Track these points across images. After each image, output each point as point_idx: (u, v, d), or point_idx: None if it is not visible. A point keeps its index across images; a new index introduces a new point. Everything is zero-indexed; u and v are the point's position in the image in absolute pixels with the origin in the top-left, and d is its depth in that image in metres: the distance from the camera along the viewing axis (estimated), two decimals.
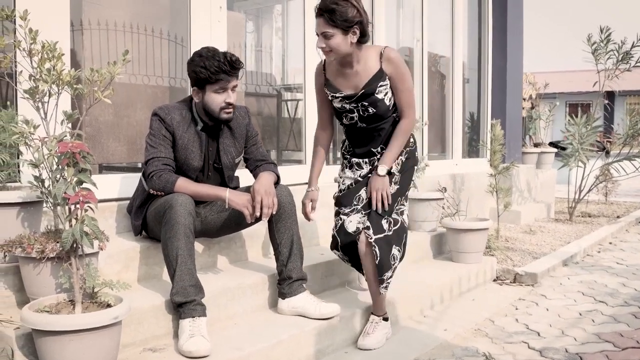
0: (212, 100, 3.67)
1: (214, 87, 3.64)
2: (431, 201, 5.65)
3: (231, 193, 3.66)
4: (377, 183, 3.82)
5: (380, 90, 3.80)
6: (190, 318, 3.27)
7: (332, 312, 3.78)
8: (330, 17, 3.60)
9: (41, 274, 2.95)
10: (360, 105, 3.84)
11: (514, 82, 9.15)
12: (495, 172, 6.73)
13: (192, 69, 3.63)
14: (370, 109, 3.83)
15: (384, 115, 3.87)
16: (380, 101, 3.82)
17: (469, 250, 5.42)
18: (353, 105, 3.86)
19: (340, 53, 3.70)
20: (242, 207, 3.64)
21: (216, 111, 3.70)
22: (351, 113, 3.89)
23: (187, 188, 3.59)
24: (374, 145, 3.95)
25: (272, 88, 7.23)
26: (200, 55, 3.63)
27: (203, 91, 3.67)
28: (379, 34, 6.73)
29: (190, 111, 3.78)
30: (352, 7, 3.63)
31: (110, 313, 2.70)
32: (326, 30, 3.63)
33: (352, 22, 3.63)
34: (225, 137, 3.90)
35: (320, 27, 3.66)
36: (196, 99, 3.72)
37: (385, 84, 3.82)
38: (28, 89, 2.99)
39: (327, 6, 3.60)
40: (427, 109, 7.55)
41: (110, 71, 2.91)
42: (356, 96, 3.82)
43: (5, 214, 3.22)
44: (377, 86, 3.80)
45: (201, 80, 3.62)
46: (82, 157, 2.73)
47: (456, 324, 4.40)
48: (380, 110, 3.83)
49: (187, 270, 3.35)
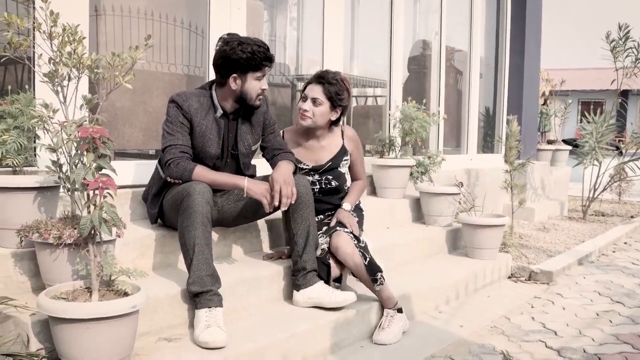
0: (253, 87, 3.67)
1: (256, 75, 3.65)
2: (447, 196, 5.59)
3: (250, 182, 3.61)
4: (344, 214, 4.13)
5: (343, 164, 4.28)
6: (206, 308, 3.23)
7: (347, 300, 3.72)
8: (328, 88, 4.04)
9: (58, 260, 2.90)
10: (324, 179, 4.22)
11: (531, 78, 9.06)
12: (510, 168, 6.67)
13: (237, 56, 3.57)
14: (333, 182, 4.23)
15: (341, 189, 4.28)
16: (342, 175, 4.27)
17: (485, 246, 5.36)
18: (317, 178, 4.22)
19: (317, 123, 4.10)
20: (261, 196, 3.59)
21: (253, 98, 3.70)
22: (313, 185, 4.15)
23: (205, 176, 3.54)
24: (327, 210, 4.29)
25: (286, 78, 7.17)
26: (240, 42, 3.59)
27: (244, 78, 3.64)
28: (397, 26, 6.67)
29: (210, 98, 3.73)
30: (347, 92, 4.11)
31: (129, 302, 2.65)
32: (318, 97, 4.05)
33: (341, 102, 4.09)
34: (243, 125, 3.85)
35: (314, 92, 4.06)
36: (233, 86, 3.66)
37: (347, 158, 4.30)
38: (47, 72, 2.95)
39: (329, 79, 4.05)
40: (444, 103, 7.48)
41: (132, 56, 2.86)
42: (323, 168, 4.22)
43: (22, 199, 3.19)
44: (341, 160, 4.27)
45: (245, 67, 3.60)
46: (103, 143, 2.68)
47: (472, 320, 4.35)
48: (340, 184, 4.25)
49: (204, 259, 3.31)
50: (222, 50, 3.62)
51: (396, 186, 5.77)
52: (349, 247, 3.88)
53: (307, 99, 4.09)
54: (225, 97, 3.72)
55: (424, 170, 5.87)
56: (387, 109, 6.69)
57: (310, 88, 4.11)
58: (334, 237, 3.94)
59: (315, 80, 4.11)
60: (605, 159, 8.78)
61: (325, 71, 4.18)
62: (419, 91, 7.42)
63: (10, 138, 3.21)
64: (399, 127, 5.90)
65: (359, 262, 3.84)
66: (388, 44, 6.73)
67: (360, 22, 7.98)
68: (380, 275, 3.84)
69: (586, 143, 8.65)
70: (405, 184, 5.84)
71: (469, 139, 8.12)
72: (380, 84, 7.63)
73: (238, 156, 3.86)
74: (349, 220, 4.09)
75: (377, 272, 3.84)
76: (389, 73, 6.73)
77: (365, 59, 8.35)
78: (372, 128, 7.28)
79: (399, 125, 5.88)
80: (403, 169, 5.77)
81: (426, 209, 5.69)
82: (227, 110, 3.76)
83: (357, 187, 4.39)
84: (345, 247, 3.87)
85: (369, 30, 7.63)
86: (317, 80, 4.09)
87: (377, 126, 7.23)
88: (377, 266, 3.87)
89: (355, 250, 3.87)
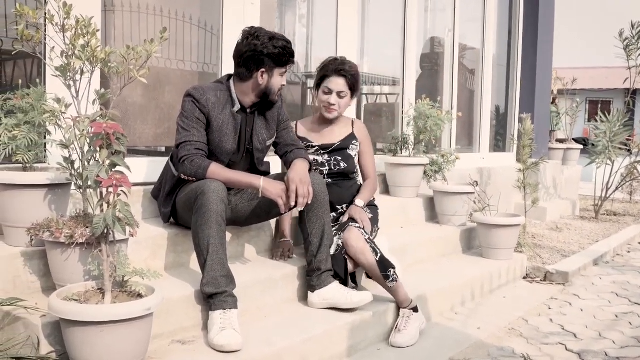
0: (277, 83, 3.63)
1: (282, 71, 3.61)
2: (462, 195, 5.49)
3: (265, 182, 3.51)
4: (356, 210, 4.09)
5: (352, 147, 4.33)
6: (221, 310, 3.14)
7: (364, 300, 3.63)
8: (351, 80, 4.12)
9: (69, 260, 2.82)
10: (333, 160, 4.27)
11: (543, 76, 8.96)
12: (523, 167, 6.57)
13: (269, 51, 3.50)
14: (341, 164, 4.27)
15: (350, 173, 4.33)
16: (351, 158, 4.31)
17: (500, 246, 5.26)
18: (326, 158, 4.27)
19: (341, 113, 4.24)
20: (277, 197, 3.49)
21: (275, 93, 3.65)
22: (322, 167, 4.24)
23: (220, 174, 3.44)
24: (338, 202, 4.22)
25: (295, 75, 7.08)
26: (271, 37, 3.52)
27: (271, 73, 3.58)
28: (411, 23, 6.58)
29: (228, 91, 3.63)
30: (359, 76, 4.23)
31: (143, 304, 2.56)
32: (343, 90, 4.12)
33: (358, 89, 4.24)
34: (259, 120, 3.77)
35: (339, 85, 4.11)
36: (260, 81, 3.57)
37: (356, 144, 4.35)
38: (59, 66, 2.87)
39: (349, 70, 4.11)
40: (457, 102, 7.38)
41: (147, 49, 2.78)
42: (332, 147, 4.26)
43: (32, 196, 3.10)
44: (350, 143, 4.32)
45: (275, 62, 3.54)
46: (117, 139, 2.59)
47: (489, 322, 4.26)
48: (348, 167, 4.29)
49: (218, 260, 3.22)
50: (253, 44, 3.51)
51: (410, 185, 5.67)
52: (360, 242, 3.79)
53: (332, 92, 4.12)
54: (246, 92, 3.63)
55: (438, 169, 5.77)
56: (400, 107, 6.61)
57: (332, 81, 4.12)
58: (345, 233, 3.86)
59: (336, 73, 4.12)
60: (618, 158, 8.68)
61: (342, 62, 4.18)
62: (431, 89, 7.32)
63: (21, 134, 3.12)
64: (412, 125, 5.81)
65: (371, 258, 3.75)
66: (401, 41, 6.64)
67: (370, 19, 7.88)
68: (392, 271, 3.74)
69: (599, 142, 8.55)
70: (419, 182, 5.75)
71: (481, 138, 8.02)
72: (390, 81, 7.54)
73: (253, 151, 3.77)
74: (361, 215, 4.03)
75: (389, 268, 3.75)
76: (402, 70, 6.64)
77: (375, 56, 8.24)
78: (383, 126, 7.18)
79: (413, 123, 5.78)
80: (417, 167, 5.67)
81: (440, 208, 5.60)
82: (245, 105, 3.67)
83: (369, 185, 4.37)
84: (357, 242, 3.79)
85: (380, 28, 7.53)
86: (339, 73, 4.11)
87: (388, 124, 7.13)
88: (389, 262, 3.78)
89: (367, 245, 3.78)
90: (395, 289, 3.80)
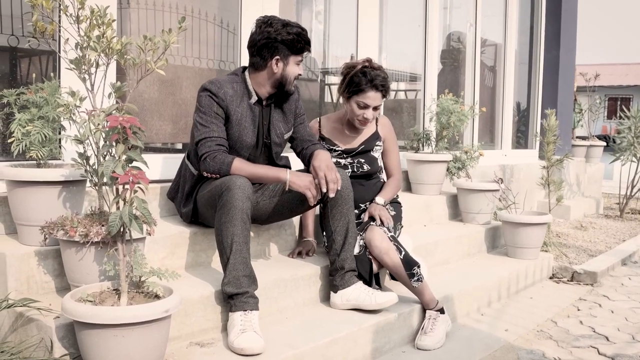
0: (292, 72, 3.51)
1: (297, 59, 3.51)
2: (486, 192, 5.34)
3: (292, 174, 3.39)
4: (376, 208, 3.92)
5: (376, 149, 4.16)
6: (242, 311, 3.02)
7: (389, 301, 3.50)
8: (385, 93, 3.99)
9: (84, 259, 2.70)
10: (356, 162, 4.10)
11: (566, 71, 8.77)
12: (548, 164, 6.42)
13: (282, 37, 3.40)
14: (365, 166, 4.10)
15: (373, 175, 4.15)
16: (375, 160, 4.14)
17: (527, 245, 5.12)
18: (349, 161, 4.10)
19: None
20: (305, 189, 3.36)
21: (291, 83, 3.53)
22: (344, 169, 4.01)
23: (245, 169, 3.32)
24: (362, 200, 4.06)
25: (312, 72, 6.96)
26: (285, 24, 3.43)
27: (286, 61, 3.47)
28: (432, 18, 6.44)
29: (244, 83, 3.52)
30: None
31: (161, 306, 2.44)
32: (380, 104, 4.00)
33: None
34: (275, 112, 3.66)
35: (376, 100, 3.96)
36: (275, 69, 3.46)
37: (380, 144, 4.18)
38: (74, 58, 2.76)
39: (384, 84, 3.96)
40: (478, 97, 7.24)
41: (165, 39, 2.66)
42: (355, 151, 4.11)
43: (46, 194, 2.99)
44: (374, 144, 4.15)
45: (289, 49, 3.44)
46: (134, 133, 2.48)
47: (517, 324, 4.12)
48: (372, 169, 4.12)
49: (241, 258, 3.09)
50: (266, 32, 3.41)
51: (432, 182, 5.54)
52: (384, 242, 3.65)
53: (369, 108, 3.96)
54: (262, 82, 3.52)
55: (461, 166, 5.63)
56: (421, 103, 6.47)
57: (369, 97, 3.93)
58: (367, 232, 3.73)
59: (374, 88, 3.92)
60: None
61: (376, 74, 3.95)
62: (452, 84, 7.18)
63: (35, 129, 3.01)
64: (435, 121, 5.67)
65: (395, 257, 3.62)
66: (422, 35, 6.51)
67: (388, 15, 7.75)
68: (417, 269, 3.61)
69: (624, 139, 8.37)
70: (442, 179, 5.61)
71: (503, 134, 7.86)
72: (409, 77, 7.40)
73: (271, 145, 3.65)
74: (380, 212, 3.87)
75: (413, 266, 3.61)
76: (423, 66, 6.51)
77: (394, 52, 8.11)
78: (404, 122, 7.04)
79: (436, 118, 5.64)
80: (440, 164, 5.53)
81: (464, 206, 5.46)
82: (262, 97, 3.56)
83: (391, 183, 4.21)
84: (381, 242, 3.65)
85: (398, 23, 7.39)
86: (377, 88, 3.93)
87: (409, 120, 6.99)
88: (414, 260, 3.64)
89: (391, 244, 3.65)
90: (421, 289, 3.66)
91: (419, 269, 3.60)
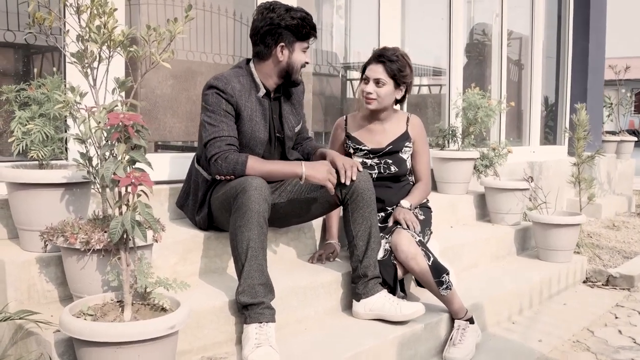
0: (299, 59, 3.33)
1: (303, 45, 3.32)
2: (516, 191, 5.09)
3: (307, 167, 3.19)
4: (401, 211, 3.68)
5: (405, 150, 3.89)
6: (257, 324, 2.80)
7: (416, 313, 3.26)
8: (390, 66, 3.70)
9: (86, 268, 2.50)
10: (383, 163, 3.86)
11: (595, 64, 8.46)
12: (578, 161, 6.15)
13: (286, 22, 3.22)
14: (392, 168, 3.85)
15: (401, 177, 3.89)
16: (403, 162, 3.88)
17: (559, 247, 4.85)
18: (376, 162, 3.87)
19: (382, 104, 3.77)
20: (324, 180, 3.18)
21: (298, 71, 3.35)
22: (371, 170, 3.83)
23: (260, 168, 3.12)
24: (389, 203, 3.84)
25: (333, 68, 6.75)
26: (288, 9, 3.24)
27: (292, 48, 3.28)
28: (457, 9, 6.19)
29: (250, 76, 3.32)
30: (409, 67, 3.77)
31: (166, 321, 2.22)
32: (381, 78, 3.70)
33: (404, 78, 3.75)
34: (285, 105, 3.48)
35: (376, 72, 3.72)
36: (280, 57, 3.28)
37: (410, 145, 3.91)
38: (76, 52, 2.55)
39: (389, 56, 3.71)
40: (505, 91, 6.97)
41: (170, 29, 2.44)
42: (383, 151, 3.85)
43: (48, 196, 2.79)
44: (403, 145, 3.88)
45: (294, 35, 3.26)
46: (136, 132, 2.26)
47: (551, 333, 3.87)
48: (400, 171, 3.87)
49: (257, 266, 2.88)
50: (269, 17, 3.22)
51: (459, 181, 5.28)
52: (412, 246, 3.41)
53: (369, 80, 3.73)
54: (268, 73, 3.33)
55: (489, 164, 5.38)
56: (446, 98, 6.22)
57: (370, 69, 3.75)
58: (394, 236, 3.49)
59: (374, 59, 3.74)
60: None
61: (384, 48, 3.82)
62: (478, 78, 6.92)
63: (35, 127, 2.81)
64: (461, 116, 5.42)
65: (423, 263, 3.38)
66: (447, 29, 6.26)
67: (410, 9, 7.53)
68: (446, 277, 3.37)
69: None
70: (469, 178, 5.36)
71: (531, 130, 7.58)
72: (433, 71, 7.16)
73: (284, 140, 3.46)
74: (406, 216, 3.62)
75: (442, 274, 3.37)
76: (448, 59, 6.26)
77: (417, 46, 7.88)
78: (428, 118, 6.80)
79: (462, 114, 5.39)
80: (466, 162, 5.28)
81: (492, 206, 5.20)
82: (270, 89, 3.36)
83: (420, 187, 3.93)
84: (408, 247, 3.41)
85: (420, 17, 7.16)
86: (377, 59, 3.73)
87: (433, 116, 6.75)
88: (443, 267, 3.40)
89: (419, 249, 3.41)
90: (449, 298, 3.42)
91: (448, 277, 3.37)
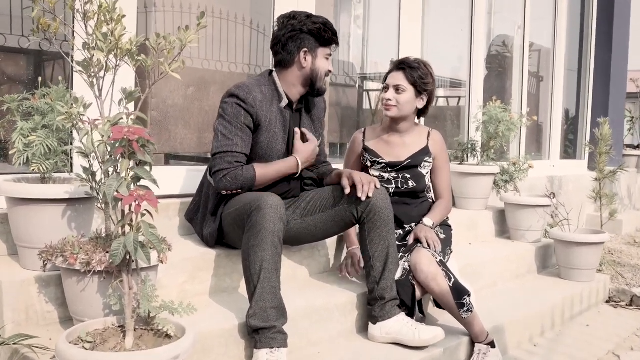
0: (322, 66, 3.25)
1: (326, 52, 3.24)
2: (537, 208, 4.92)
3: (298, 155, 3.24)
4: (423, 229, 3.55)
5: (424, 165, 3.76)
6: (268, 349, 2.66)
7: (435, 338, 3.10)
8: (410, 72, 3.62)
9: (86, 290, 2.36)
10: (401, 177, 3.73)
11: (618, 77, 8.27)
12: (600, 176, 5.98)
13: (308, 28, 3.16)
14: (410, 183, 3.72)
15: (419, 193, 3.76)
16: (422, 177, 3.75)
17: (582, 266, 4.68)
18: (393, 176, 3.74)
19: (402, 112, 3.66)
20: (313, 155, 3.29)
21: (323, 79, 3.26)
22: (388, 184, 3.72)
23: (265, 176, 3.12)
24: (407, 220, 3.70)
25: (350, 78, 6.62)
26: (309, 15, 3.19)
27: (315, 54, 3.21)
28: (478, 22, 6.04)
29: (273, 85, 3.22)
30: (431, 76, 3.69)
31: (169, 352, 2.06)
32: (401, 84, 3.62)
33: (426, 86, 3.66)
34: (305, 119, 3.38)
35: (396, 79, 3.64)
36: (304, 63, 3.20)
37: (429, 160, 3.78)
38: (82, 60, 2.42)
39: (410, 63, 3.65)
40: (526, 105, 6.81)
41: (181, 38, 2.31)
42: (401, 165, 3.72)
43: (49, 212, 2.66)
44: (422, 160, 3.75)
45: (317, 40, 3.20)
46: (141, 147, 2.12)
47: (575, 357, 3.71)
48: (419, 187, 3.74)
49: (270, 288, 2.73)
50: (290, 25, 3.17)
51: (478, 196, 5.12)
52: (432, 266, 3.26)
53: (389, 87, 3.64)
54: (292, 81, 3.24)
55: (509, 179, 5.21)
56: (466, 111, 6.07)
57: (391, 76, 3.67)
58: (413, 255, 3.33)
59: (395, 67, 3.67)
60: None
61: (405, 57, 3.74)
62: (498, 91, 6.75)
63: (38, 139, 2.68)
64: (482, 130, 5.26)
65: (443, 284, 3.22)
66: (468, 39, 6.11)
67: (429, 20, 7.40)
68: (468, 299, 3.21)
69: None
70: (488, 193, 5.19)
71: (551, 144, 7.40)
72: (450, 83, 7.01)
73: None
74: (427, 234, 3.47)
75: (463, 295, 3.21)
76: (468, 72, 6.10)
77: (436, 57, 7.74)
78: (447, 131, 6.65)
79: (483, 127, 5.23)
80: (486, 177, 5.12)
81: (512, 223, 5.04)
82: (293, 99, 3.26)
83: (441, 204, 3.79)
84: (428, 267, 3.25)
85: (439, 28, 7.02)
86: (398, 66, 3.66)
87: (452, 129, 6.59)
88: (464, 288, 3.24)
89: (439, 270, 3.25)
90: (470, 321, 3.26)
91: (469, 298, 3.20)
